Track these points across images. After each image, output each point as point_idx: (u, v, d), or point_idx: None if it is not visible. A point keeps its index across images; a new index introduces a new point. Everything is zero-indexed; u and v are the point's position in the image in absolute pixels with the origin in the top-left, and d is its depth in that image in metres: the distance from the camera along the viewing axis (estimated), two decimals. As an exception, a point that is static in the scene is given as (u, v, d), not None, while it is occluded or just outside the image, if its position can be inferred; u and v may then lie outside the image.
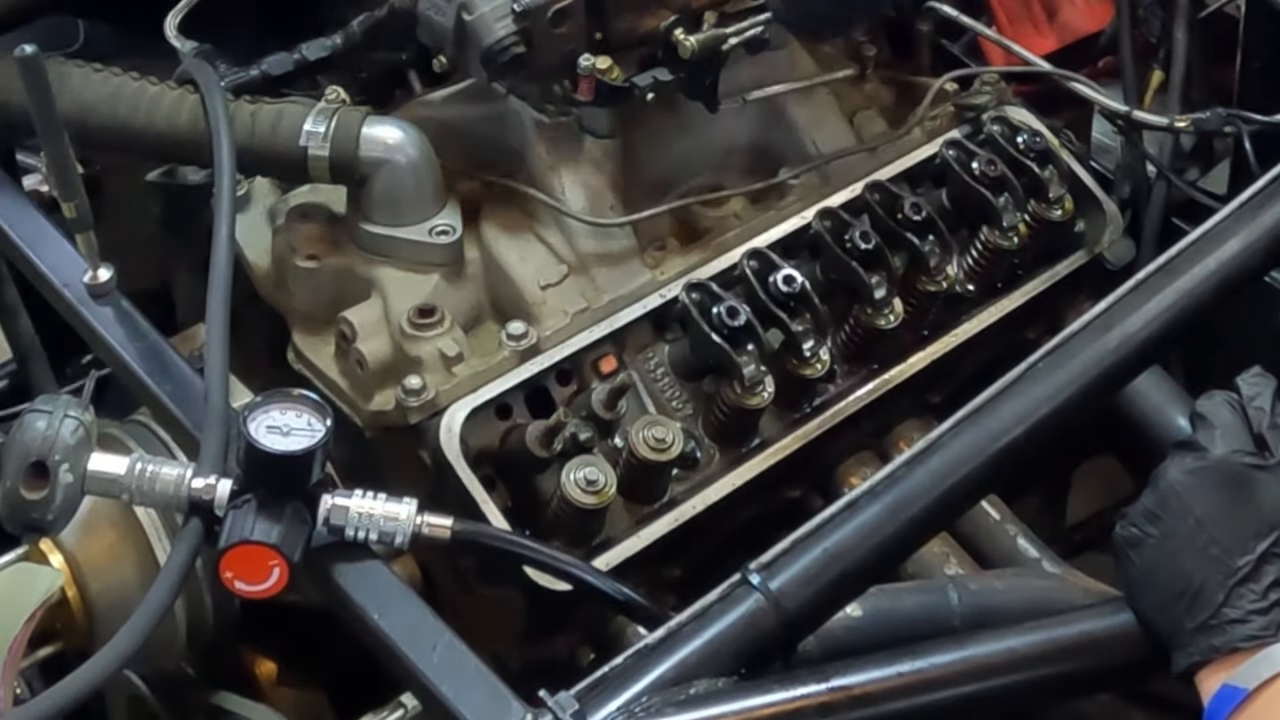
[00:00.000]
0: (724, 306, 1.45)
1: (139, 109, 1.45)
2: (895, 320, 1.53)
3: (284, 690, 1.57)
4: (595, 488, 1.37)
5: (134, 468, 1.16)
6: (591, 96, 1.50)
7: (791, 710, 1.09)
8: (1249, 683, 1.06)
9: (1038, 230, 1.63)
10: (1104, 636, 1.18)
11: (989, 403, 1.22)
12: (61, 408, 1.19)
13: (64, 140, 1.25)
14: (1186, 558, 1.11)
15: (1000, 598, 1.40)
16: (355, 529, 1.16)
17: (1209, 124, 1.67)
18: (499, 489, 1.40)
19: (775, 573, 1.13)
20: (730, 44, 1.53)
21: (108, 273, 1.36)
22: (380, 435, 1.44)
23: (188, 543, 1.15)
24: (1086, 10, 1.95)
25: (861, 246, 1.52)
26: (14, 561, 1.33)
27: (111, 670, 1.09)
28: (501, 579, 1.39)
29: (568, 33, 1.47)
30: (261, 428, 1.14)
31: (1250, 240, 1.32)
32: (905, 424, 1.61)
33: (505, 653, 1.39)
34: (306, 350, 1.49)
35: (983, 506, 1.52)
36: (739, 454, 1.49)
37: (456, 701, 1.09)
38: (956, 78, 1.73)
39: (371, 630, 1.15)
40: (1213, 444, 1.14)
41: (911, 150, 1.67)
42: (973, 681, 1.15)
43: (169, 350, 1.35)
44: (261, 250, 1.54)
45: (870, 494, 1.18)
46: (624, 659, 1.09)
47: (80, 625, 1.42)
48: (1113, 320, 1.27)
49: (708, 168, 1.67)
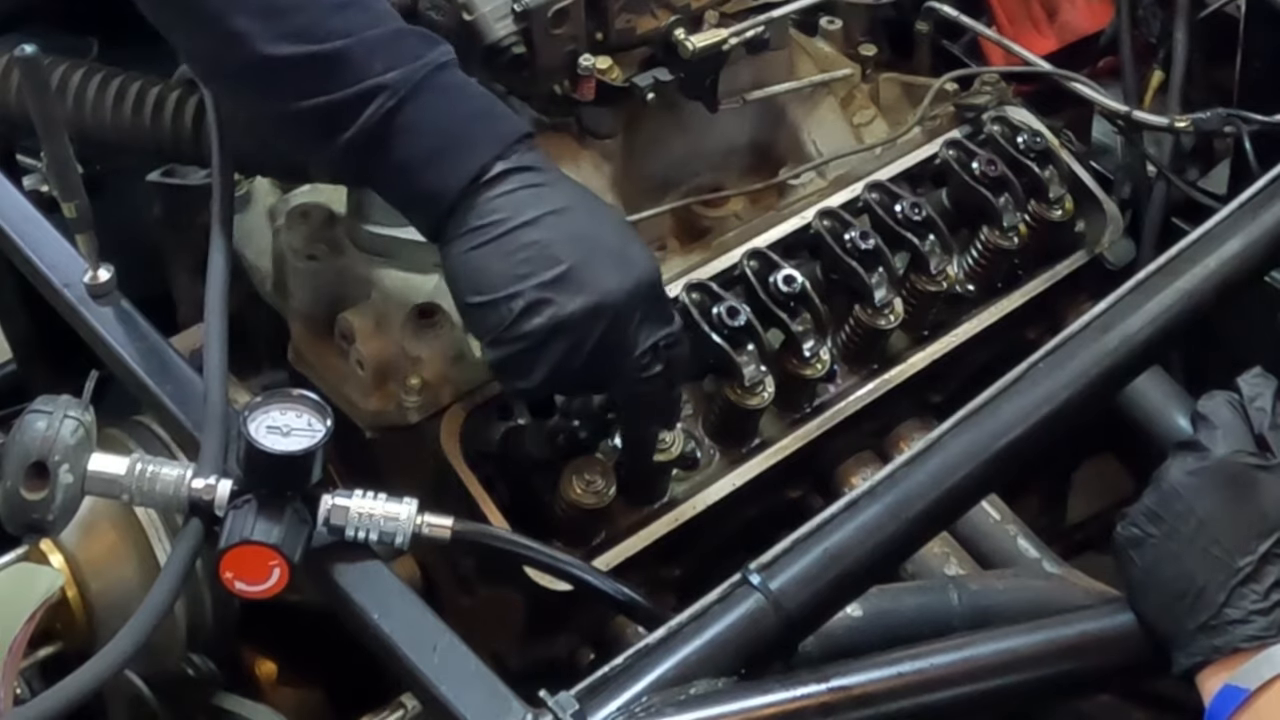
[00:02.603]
0: (724, 306, 1.45)
1: (139, 109, 1.45)
2: (895, 320, 1.53)
3: (284, 690, 1.57)
4: (595, 488, 1.37)
5: (134, 468, 1.16)
6: (592, 97, 1.50)
7: (791, 710, 1.09)
8: (1250, 683, 1.06)
9: (1038, 230, 1.63)
10: (1104, 637, 1.18)
11: (989, 403, 1.22)
12: (61, 408, 1.19)
13: (64, 140, 1.25)
14: (1188, 558, 1.11)
15: (1000, 598, 1.40)
16: (355, 529, 1.16)
17: (1209, 124, 1.67)
18: (499, 489, 1.40)
19: (775, 573, 1.13)
20: (730, 44, 1.53)
21: (107, 273, 1.36)
22: (380, 435, 1.44)
23: (188, 543, 1.15)
24: (1086, 10, 1.95)
25: (861, 246, 1.52)
26: (14, 562, 1.33)
27: (112, 671, 1.09)
28: (501, 579, 1.39)
29: (568, 33, 1.47)
30: (261, 428, 1.14)
31: (1250, 240, 1.32)
32: (905, 424, 1.61)
33: (505, 653, 1.39)
34: (306, 350, 1.49)
35: (983, 506, 1.52)
36: (739, 454, 1.49)
37: (456, 702, 1.09)
38: (956, 78, 1.73)
39: (371, 630, 1.15)
40: (1214, 444, 1.14)
41: (911, 150, 1.67)
42: (973, 682, 1.15)
43: (169, 350, 1.35)
44: (261, 250, 1.54)
45: (870, 494, 1.18)
46: (624, 659, 1.09)
47: (80, 625, 1.42)
48: (1113, 320, 1.27)
49: (708, 168, 1.67)
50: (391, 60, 1.24)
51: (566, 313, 1.22)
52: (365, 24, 1.25)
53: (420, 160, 1.25)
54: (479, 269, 1.24)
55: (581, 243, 1.24)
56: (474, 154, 1.25)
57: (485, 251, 1.24)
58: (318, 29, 1.23)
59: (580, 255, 1.24)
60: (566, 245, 1.24)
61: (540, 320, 1.22)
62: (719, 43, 1.52)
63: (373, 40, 1.25)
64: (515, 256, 1.23)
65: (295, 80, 1.24)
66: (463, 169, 1.24)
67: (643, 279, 1.26)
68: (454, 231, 1.25)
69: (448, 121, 1.25)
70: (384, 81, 1.23)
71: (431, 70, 1.25)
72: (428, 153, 1.24)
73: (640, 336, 1.26)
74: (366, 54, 1.24)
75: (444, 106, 1.25)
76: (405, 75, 1.24)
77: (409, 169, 1.25)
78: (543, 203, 1.25)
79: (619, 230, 1.30)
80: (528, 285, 1.22)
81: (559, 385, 1.30)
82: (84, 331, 1.38)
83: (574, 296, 1.22)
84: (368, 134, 1.24)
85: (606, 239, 1.27)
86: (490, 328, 1.25)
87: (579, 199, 1.29)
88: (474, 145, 1.25)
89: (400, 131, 1.24)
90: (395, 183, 1.28)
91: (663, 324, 1.28)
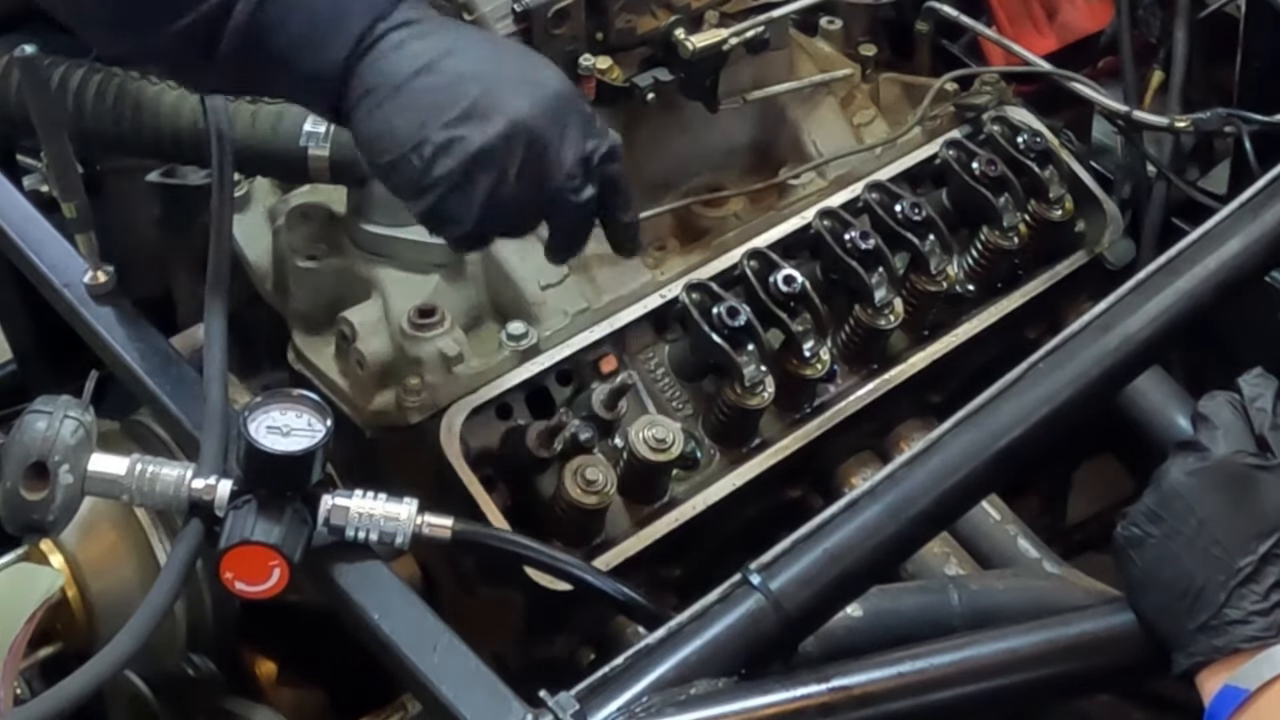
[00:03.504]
0: (724, 306, 1.45)
1: (139, 109, 1.45)
2: (895, 320, 1.53)
3: (284, 690, 1.57)
4: (595, 488, 1.37)
5: (134, 468, 1.16)
6: (592, 97, 1.50)
7: (792, 710, 1.09)
8: (1250, 683, 1.06)
9: (1038, 230, 1.63)
10: (1104, 637, 1.18)
11: (989, 403, 1.22)
12: (61, 408, 1.19)
13: (64, 140, 1.25)
14: (1188, 558, 1.11)
15: (1000, 598, 1.40)
16: (355, 529, 1.16)
17: (1209, 124, 1.67)
18: (499, 489, 1.40)
19: (775, 573, 1.13)
20: (730, 44, 1.53)
21: (107, 273, 1.36)
22: (380, 435, 1.44)
23: (188, 543, 1.15)
24: (1086, 10, 1.95)
25: (861, 246, 1.52)
26: (14, 562, 1.33)
27: (112, 671, 1.09)
28: (502, 579, 1.39)
29: (568, 33, 1.47)
30: (261, 428, 1.14)
31: (1250, 240, 1.32)
32: (905, 424, 1.61)
33: (505, 653, 1.39)
34: (306, 350, 1.49)
35: (983, 506, 1.52)
36: (739, 454, 1.49)
37: (456, 702, 1.09)
38: (956, 78, 1.73)
39: (372, 630, 1.15)
40: (1215, 444, 1.13)
41: (911, 150, 1.67)
42: (973, 682, 1.15)
43: (169, 350, 1.35)
44: (261, 250, 1.54)
45: (870, 494, 1.18)
46: (624, 659, 1.09)
47: (80, 625, 1.42)
48: (1113, 320, 1.27)
49: (708, 168, 1.67)
50: None
51: (478, 144, 1.17)
52: None
53: (298, 46, 1.20)
54: (382, 130, 1.20)
55: (480, 75, 1.19)
56: (351, 23, 1.20)
57: (385, 110, 1.19)
58: None
59: (482, 86, 1.19)
60: (466, 81, 1.19)
61: (454, 159, 1.17)
62: (719, 43, 1.52)
63: None
64: (416, 104, 1.18)
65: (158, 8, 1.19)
66: (341, 41, 1.20)
67: (556, 94, 1.21)
68: (350, 104, 1.21)
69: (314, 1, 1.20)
70: None
71: None
72: (304, 35, 1.20)
73: (567, 154, 1.21)
74: None
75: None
76: None
77: (290, 58, 1.20)
78: (432, 48, 1.20)
79: (520, 56, 1.25)
80: (433, 129, 1.18)
81: (494, 222, 1.23)
82: (84, 331, 1.38)
83: (483, 126, 1.17)
84: (243, 37, 1.19)
85: (508, 66, 1.22)
86: (408, 182, 1.20)
87: (471, 36, 1.24)
88: (346, 15, 1.20)
89: (272, 26, 1.19)
90: (283, 77, 1.23)
91: (590, 137, 1.23)
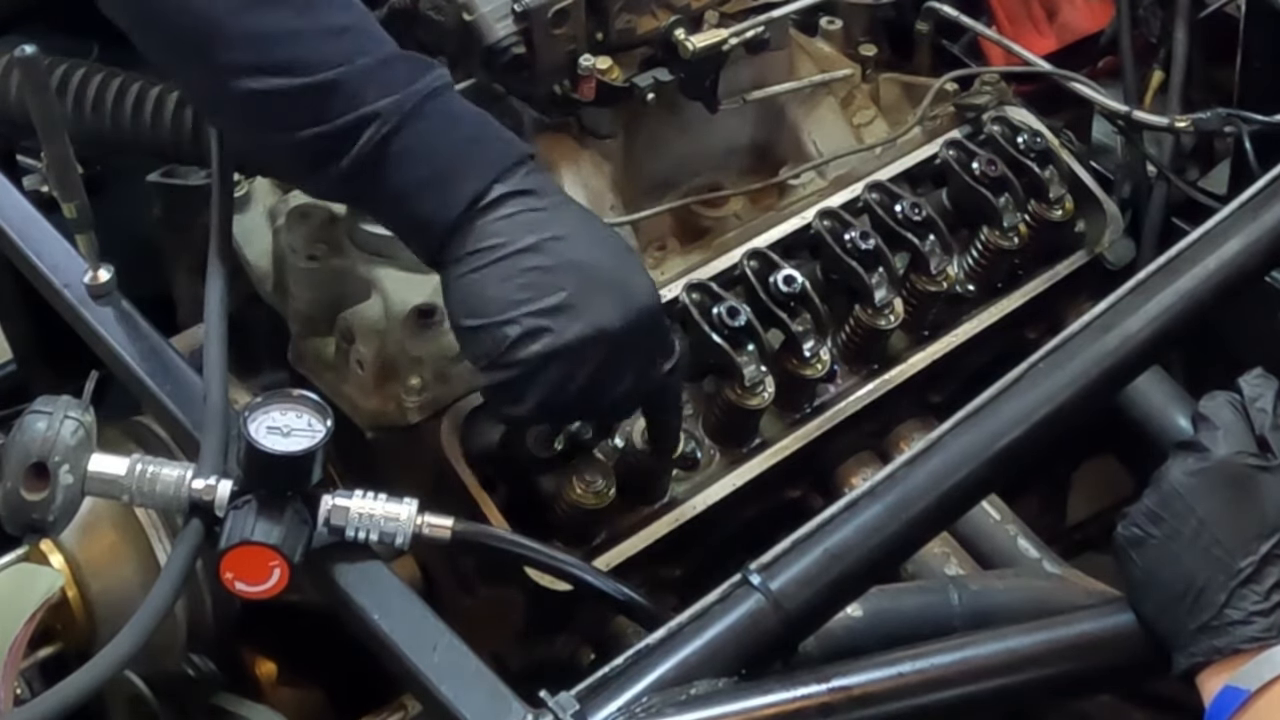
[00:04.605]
0: (724, 306, 1.45)
1: (139, 109, 1.45)
2: (895, 320, 1.53)
3: (284, 690, 1.57)
4: (595, 488, 1.37)
5: (134, 468, 1.16)
6: (592, 97, 1.50)
7: (792, 711, 1.09)
8: (1251, 684, 1.06)
9: (1038, 230, 1.63)
10: (1104, 637, 1.18)
11: (989, 403, 1.22)
12: (61, 408, 1.19)
13: (64, 140, 1.25)
14: (1188, 558, 1.11)
15: (1001, 598, 1.40)
16: (356, 529, 1.16)
17: (1209, 124, 1.67)
18: (499, 489, 1.40)
19: (775, 573, 1.13)
20: (730, 44, 1.53)
21: (108, 273, 1.36)
22: (380, 435, 1.44)
23: (188, 543, 1.15)
24: (1086, 10, 1.95)
25: (861, 246, 1.52)
26: (14, 562, 1.33)
27: (112, 671, 1.09)
28: (502, 579, 1.39)
29: (568, 33, 1.47)
30: (262, 428, 1.14)
31: (1250, 240, 1.32)
32: (905, 424, 1.61)
33: (505, 653, 1.39)
34: (306, 350, 1.49)
35: (983, 506, 1.52)
36: (739, 454, 1.49)
37: (456, 702, 1.09)
38: (956, 78, 1.73)
39: (372, 631, 1.15)
40: (1215, 445, 1.13)
41: (911, 150, 1.67)
42: (973, 682, 1.15)
43: (169, 350, 1.35)
44: (261, 250, 1.54)
45: (870, 494, 1.17)
46: (624, 659, 1.09)
47: (81, 626, 1.42)
48: (1113, 320, 1.27)
49: (708, 168, 1.67)
50: (384, 88, 1.22)
51: (563, 341, 1.21)
52: (357, 51, 1.23)
53: (415, 188, 1.23)
54: (476, 293, 1.23)
55: (581, 270, 1.23)
56: (469, 180, 1.23)
57: (482, 276, 1.22)
58: (309, 59, 1.22)
59: (579, 283, 1.22)
60: (566, 272, 1.22)
61: (536, 347, 1.21)
62: (719, 43, 1.52)
63: (364, 68, 1.23)
64: (513, 281, 1.22)
65: (286, 113, 1.22)
66: (458, 195, 1.23)
67: (643, 310, 1.24)
68: (451, 256, 1.24)
69: (442, 147, 1.24)
70: (376, 110, 1.21)
71: (424, 97, 1.23)
72: (422, 180, 1.23)
73: (637, 367, 1.25)
74: (358, 83, 1.22)
75: (438, 132, 1.24)
76: (397, 103, 1.22)
77: (404, 197, 1.24)
78: (543, 227, 1.23)
79: (621, 257, 1.28)
80: (525, 311, 1.21)
81: (550, 413, 1.28)
82: (84, 331, 1.38)
83: (571, 325, 1.21)
84: (361, 163, 1.22)
85: (607, 267, 1.25)
86: (485, 352, 1.24)
87: (581, 224, 1.27)
88: (469, 170, 1.24)
89: (394, 160, 1.22)
90: (391, 211, 1.27)
91: (662, 355, 1.27)
